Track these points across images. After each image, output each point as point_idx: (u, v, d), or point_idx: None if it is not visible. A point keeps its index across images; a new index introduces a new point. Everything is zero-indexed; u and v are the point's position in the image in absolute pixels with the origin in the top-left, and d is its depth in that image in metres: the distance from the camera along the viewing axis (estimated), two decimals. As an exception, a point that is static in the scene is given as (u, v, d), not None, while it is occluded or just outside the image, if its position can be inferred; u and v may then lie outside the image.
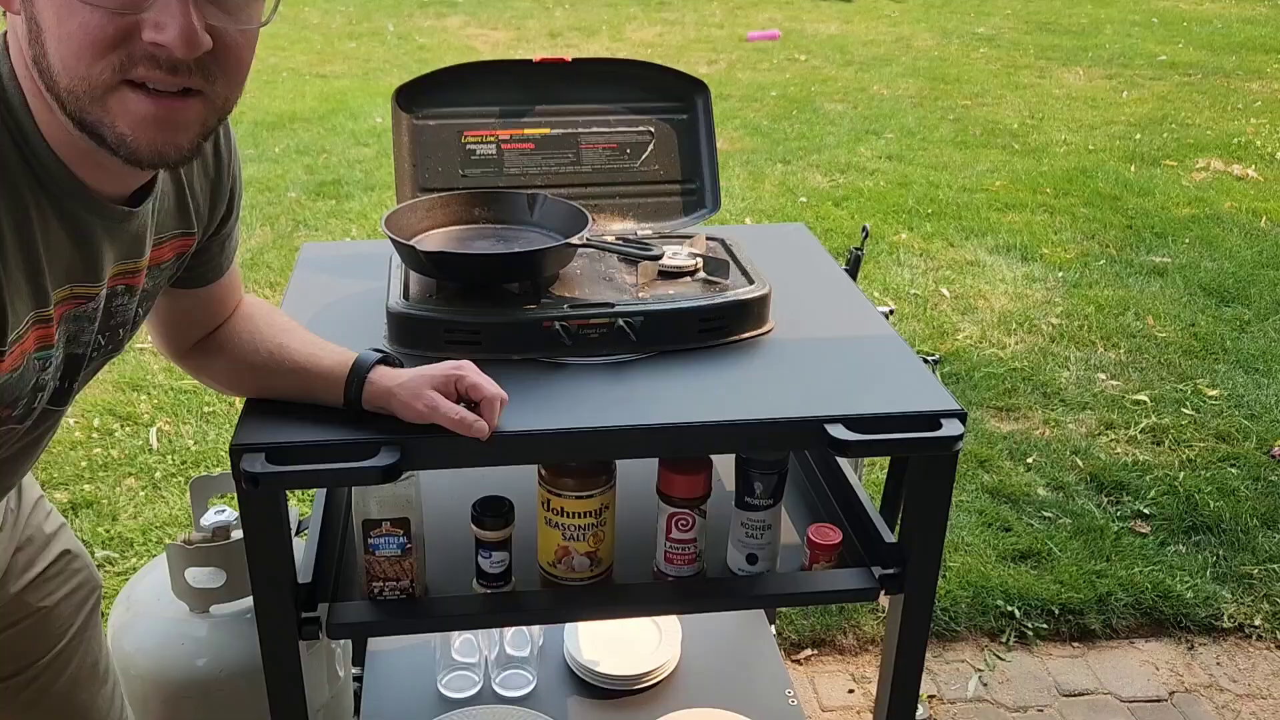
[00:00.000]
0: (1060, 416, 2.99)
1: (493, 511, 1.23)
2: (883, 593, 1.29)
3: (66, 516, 2.41)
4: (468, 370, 1.10)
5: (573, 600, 1.30)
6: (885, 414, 1.17)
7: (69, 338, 0.93)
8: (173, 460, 2.63)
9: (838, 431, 1.13)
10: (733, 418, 1.16)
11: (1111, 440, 2.89)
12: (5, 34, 0.84)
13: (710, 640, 1.89)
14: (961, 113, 6.00)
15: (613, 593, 1.31)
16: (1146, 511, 2.59)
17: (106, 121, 0.80)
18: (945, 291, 3.76)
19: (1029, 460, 2.78)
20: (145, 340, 3.25)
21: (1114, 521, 2.54)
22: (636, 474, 1.31)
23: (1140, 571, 2.37)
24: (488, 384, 1.09)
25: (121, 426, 2.77)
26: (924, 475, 1.22)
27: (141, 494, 2.50)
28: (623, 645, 1.80)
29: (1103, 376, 3.22)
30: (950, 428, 1.16)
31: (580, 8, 8.85)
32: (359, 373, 1.09)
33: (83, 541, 2.29)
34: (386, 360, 1.12)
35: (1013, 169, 5.06)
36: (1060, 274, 3.92)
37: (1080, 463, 2.78)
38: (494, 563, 1.25)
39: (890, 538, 1.31)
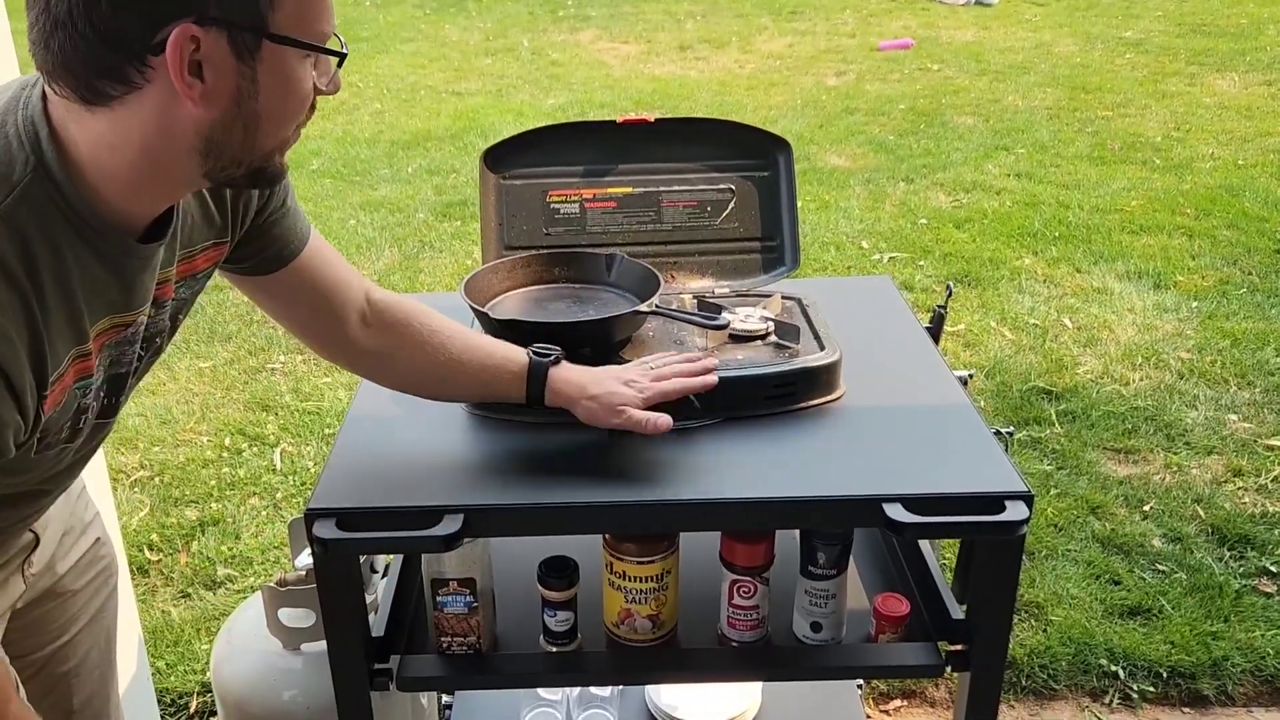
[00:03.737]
0: (1184, 461, 2.84)
1: (557, 572, 1.27)
2: (949, 669, 1.27)
3: (194, 534, 2.59)
4: (645, 384, 1.24)
5: (636, 662, 1.32)
6: (946, 495, 1.15)
7: (111, 361, 1.01)
8: (294, 481, 2.77)
9: (895, 512, 1.12)
10: (790, 494, 1.16)
11: (1239, 489, 2.73)
12: (43, 102, 0.90)
13: (792, 686, 1.88)
14: (1100, 125, 5.75)
15: (676, 657, 1.33)
16: (1273, 569, 2.44)
17: (277, 163, 0.99)
18: (1068, 321, 3.61)
19: (1146, 508, 2.65)
20: (276, 360, 3.44)
21: (1235, 578, 2.40)
22: (701, 537, 1.33)
23: (1262, 635, 2.23)
24: (670, 385, 1.24)
25: (250, 446, 2.94)
26: (989, 556, 1.19)
27: (263, 514, 2.65)
28: (704, 690, 1.82)
29: (1234, 418, 3.04)
30: (1014, 511, 1.13)
31: (711, 19, 8.86)
32: (537, 376, 1.24)
33: (206, 560, 2.48)
34: (556, 360, 1.26)
35: (1151, 187, 4.82)
36: (1195, 304, 3.72)
37: (1202, 512, 2.63)
38: (559, 621, 1.29)
39: (958, 613, 1.29)
